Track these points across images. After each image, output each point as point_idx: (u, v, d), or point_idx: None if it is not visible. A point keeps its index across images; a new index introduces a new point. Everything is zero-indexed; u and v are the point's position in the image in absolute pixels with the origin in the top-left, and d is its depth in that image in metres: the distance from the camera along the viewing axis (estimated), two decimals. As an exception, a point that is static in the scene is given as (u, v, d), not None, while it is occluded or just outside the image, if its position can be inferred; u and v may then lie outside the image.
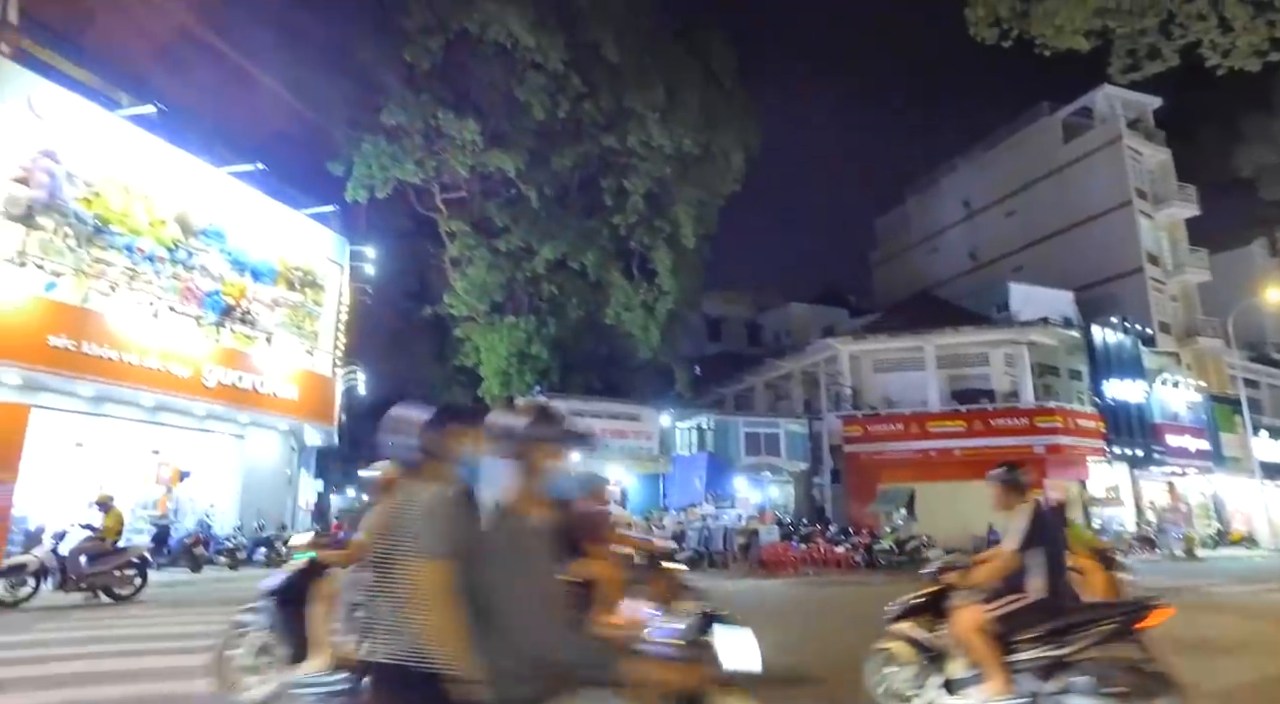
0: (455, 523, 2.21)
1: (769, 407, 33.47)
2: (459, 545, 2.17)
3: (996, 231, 37.08)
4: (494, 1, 21.96)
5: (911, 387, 27.49)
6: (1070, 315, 28.64)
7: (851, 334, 29.72)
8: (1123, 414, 26.87)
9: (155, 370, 15.18)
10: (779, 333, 41.24)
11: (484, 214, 24.97)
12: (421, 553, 2.15)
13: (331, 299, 21.49)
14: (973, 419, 25.43)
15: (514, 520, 2.31)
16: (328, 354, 21.06)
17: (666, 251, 25.04)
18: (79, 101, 15.08)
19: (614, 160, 25.10)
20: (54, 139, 14.44)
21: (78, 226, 14.78)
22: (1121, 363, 27.47)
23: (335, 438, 22.46)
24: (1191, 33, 8.02)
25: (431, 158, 23.10)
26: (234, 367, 17.14)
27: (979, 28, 9.13)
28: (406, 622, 2.14)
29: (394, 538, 2.24)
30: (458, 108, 22.79)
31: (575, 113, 23.80)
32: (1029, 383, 25.90)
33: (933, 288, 36.89)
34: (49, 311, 13.69)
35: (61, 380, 13.82)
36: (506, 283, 24.91)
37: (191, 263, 17.23)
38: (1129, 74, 8.72)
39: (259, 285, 19.01)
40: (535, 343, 24.15)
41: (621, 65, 23.57)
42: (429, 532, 2.18)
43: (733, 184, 26.99)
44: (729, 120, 25.77)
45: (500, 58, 23.42)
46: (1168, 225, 33.02)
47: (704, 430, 26.61)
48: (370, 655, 2.24)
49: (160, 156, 16.56)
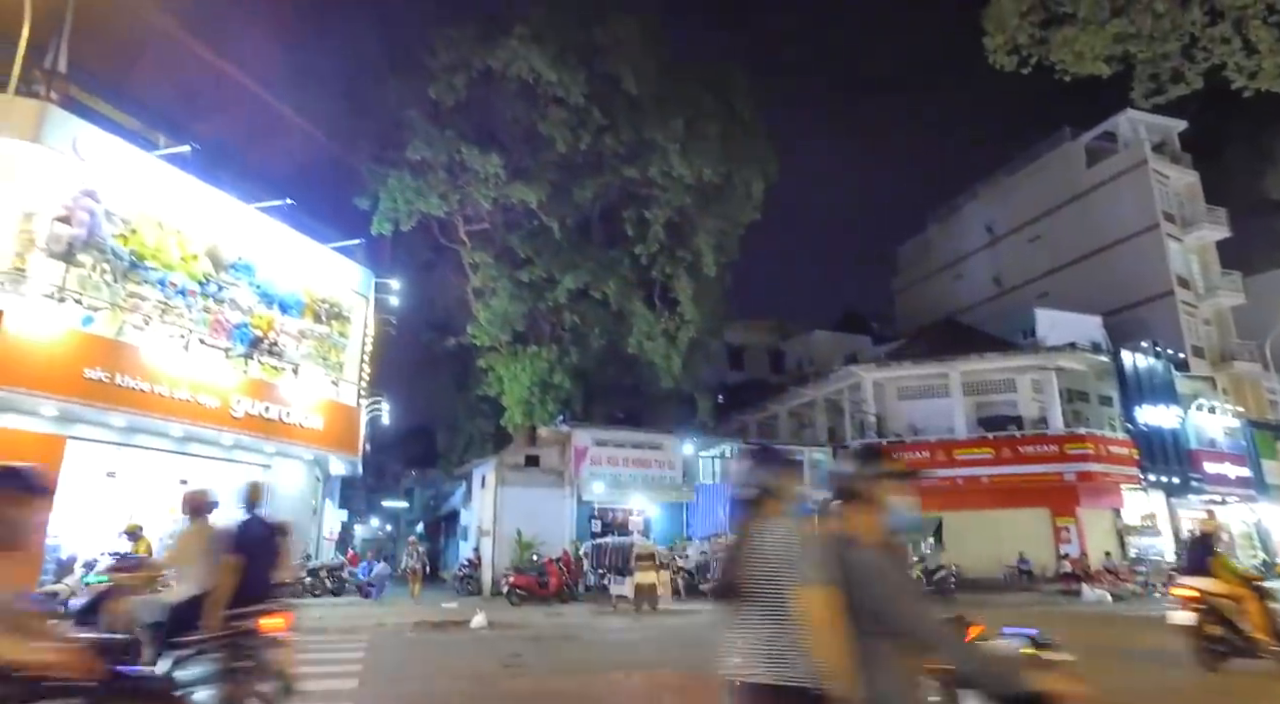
0: (828, 553, 2.45)
1: (792, 435, 33.20)
2: (834, 573, 2.40)
3: (1020, 257, 36.76)
4: (517, 39, 22.51)
5: (937, 414, 27.15)
6: (1099, 340, 28.18)
7: (875, 361, 29.51)
8: (1157, 440, 26.25)
9: (185, 401, 15.44)
10: (802, 360, 41.02)
11: (506, 245, 25.28)
12: (803, 581, 2.40)
13: (357, 331, 21.79)
14: (1000, 446, 25.01)
15: (873, 552, 2.52)
16: (352, 385, 21.28)
17: (688, 280, 25.12)
18: (119, 143, 15.60)
19: (635, 191, 25.36)
20: (95, 179, 14.94)
21: (114, 262, 15.21)
22: (1153, 388, 26.92)
23: (359, 468, 22.60)
24: (1215, 55, 7.98)
25: (455, 191, 23.51)
26: (261, 397, 17.37)
27: (998, 55, 9.16)
28: (796, 646, 2.36)
29: (769, 568, 2.50)
30: (481, 142, 23.24)
31: (596, 145, 24.15)
32: (1058, 409, 25.45)
33: (956, 314, 36.59)
34: (85, 345, 14.02)
35: (95, 412, 14.07)
36: (529, 313, 25.10)
37: (221, 296, 17.61)
38: (1152, 98, 8.68)
39: (286, 318, 19.35)
40: (558, 372, 24.22)
41: (641, 98, 23.95)
42: (805, 562, 2.44)
43: (753, 213, 27.10)
44: (748, 150, 25.97)
45: (523, 93, 23.91)
46: (1198, 248, 32.54)
47: (727, 459, 26.40)
48: (754, 677, 2.44)
49: (193, 193, 17.04)
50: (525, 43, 22.51)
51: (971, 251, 40.15)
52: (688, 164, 23.81)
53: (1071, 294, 31.93)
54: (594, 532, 23.14)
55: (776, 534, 2.57)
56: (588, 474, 23.71)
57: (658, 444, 25.27)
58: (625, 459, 24.44)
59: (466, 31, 23.34)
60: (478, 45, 23.05)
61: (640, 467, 24.52)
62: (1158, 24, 7.89)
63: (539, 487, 23.48)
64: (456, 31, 23.34)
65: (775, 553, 2.51)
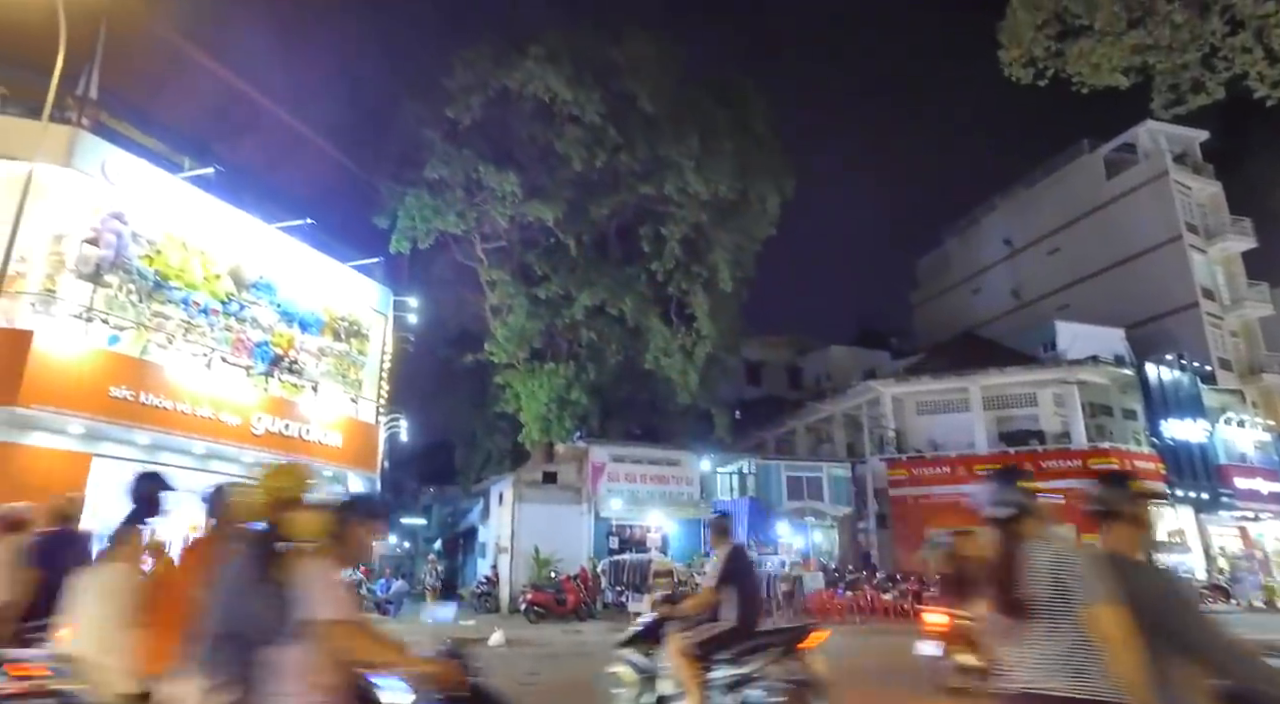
0: (1111, 572, 2.54)
1: (811, 450, 32.93)
2: (1122, 592, 2.48)
3: (1040, 270, 36.41)
4: (533, 59, 22.81)
5: (957, 429, 26.84)
6: (1122, 353, 27.78)
7: (894, 376, 29.28)
8: (1184, 455, 25.74)
9: (207, 419, 15.63)
10: (819, 376, 40.78)
11: (523, 263, 25.46)
12: (1094, 599, 2.49)
13: (375, 348, 21.98)
14: (1022, 461, 24.61)
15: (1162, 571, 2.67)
16: (371, 402, 21.44)
17: (704, 296, 25.12)
18: (146, 166, 15.96)
19: (651, 208, 25.47)
20: (123, 201, 15.28)
21: (140, 283, 15.50)
22: (1179, 402, 26.44)
23: (378, 485, 22.69)
24: (1237, 65, 7.89)
25: (472, 209, 23.74)
26: (281, 415, 17.55)
27: (1013, 68, 9.12)
28: (1096, 661, 2.45)
29: (1053, 586, 2.58)
30: (498, 161, 23.49)
31: (612, 163, 24.32)
32: (1081, 424, 25.06)
33: (976, 328, 36.25)
34: (110, 364, 14.25)
35: (120, 430, 14.27)
36: (546, 330, 25.20)
37: (243, 315, 17.86)
38: (1172, 109, 8.58)
39: (306, 336, 19.58)
40: (575, 389, 24.25)
41: (657, 115, 24.12)
42: (1093, 580, 2.52)
43: (769, 228, 27.10)
44: (764, 166, 26.02)
45: (539, 112, 24.18)
46: (1222, 259, 32.06)
47: (745, 475, 26.23)
48: (1051, 690, 2.52)
49: (216, 214, 17.36)
50: (541, 62, 22.81)
51: (990, 265, 39.83)
52: (703, 180, 23.89)
53: (1093, 307, 31.54)
54: (611, 548, 23.02)
55: (1053, 553, 2.65)
56: (605, 491, 23.65)
57: (675, 460, 25.16)
58: (643, 475, 24.36)
59: (483, 52, 23.69)
60: (494, 66, 23.38)
61: (658, 483, 24.42)
62: (1176, 35, 7.83)
63: (556, 503, 23.44)
64: (473, 52, 23.70)
65: (1056, 571, 2.59)
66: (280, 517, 2.51)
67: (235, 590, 2.38)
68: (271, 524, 2.51)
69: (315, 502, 2.62)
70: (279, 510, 2.52)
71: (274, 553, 2.43)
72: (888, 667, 10.17)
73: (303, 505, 2.56)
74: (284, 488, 2.55)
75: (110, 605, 3.13)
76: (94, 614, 3.13)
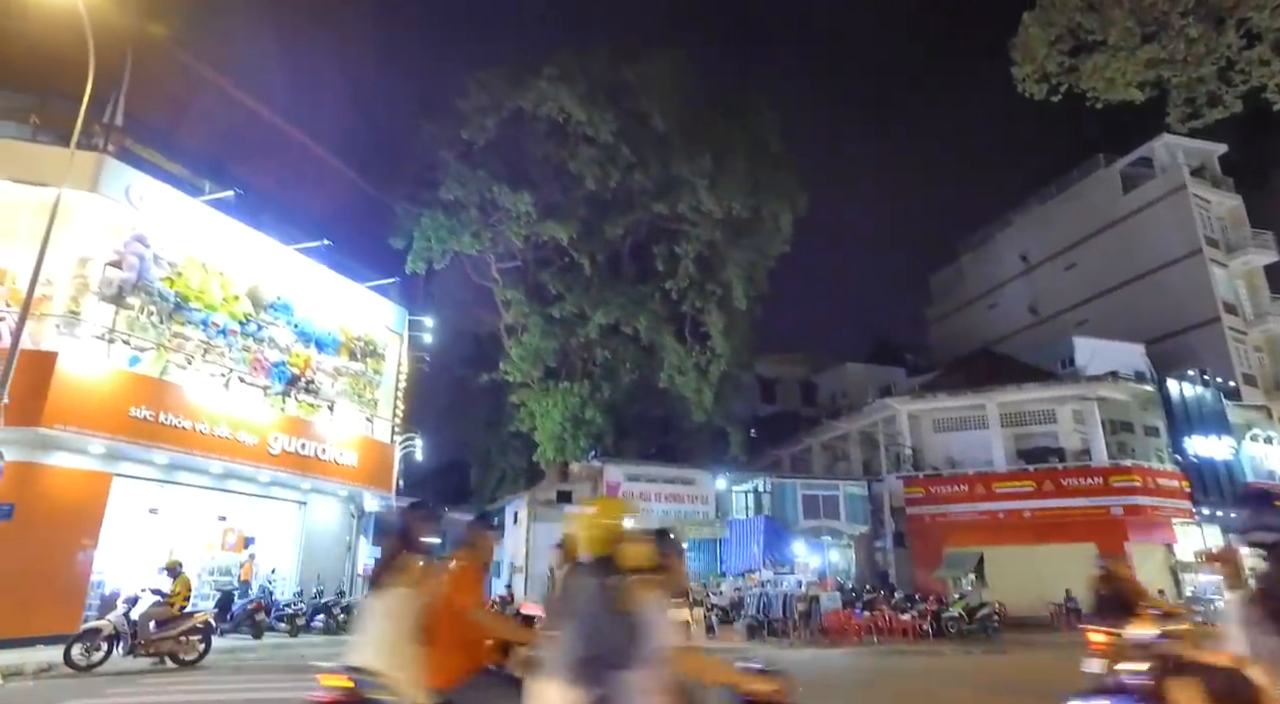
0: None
1: (826, 468, 32.62)
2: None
3: (1057, 285, 36.07)
4: (546, 80, 23.09)
5: (975, 446, 26.51)
6: (1142, 369, 27.37)
7: (909, 393, 29.02)
8: (1209, 473, 25.24)
9: (225, 438, 15.75)
10: (835, 393, 40.50)
11: (538, 282, 25.60)
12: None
13: (391, 368, 22.11)
14: (1042, 479, 24.26)
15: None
16: (386, 421, 21.54)
17: (718, 314, 25.11)
18: (168, 190, 16.25)
19: (664, 226, 25.58)
20: (145, 225, 15.56)
21: (161, 304, 15.73)
22: (1203, 418, 25.97)
23: (393, 504, 22.71)
24: (1254, 78, 7.84)
25: (487, 229, 23.95)
26: (297, 434, 17.65)
27: (1027, 84, 9.12)
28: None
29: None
30: (512, 181, 23.71)
31: (626, 182, 24.48)
32: (1101, 441, 24.64)
33: (992, 344, 35.90)
34: (131, 384, 14.43)
35: (140, 449, 14.41)
36: (560, 349, 25.26)
37: (261, 335, 18.05)
38: (1189, 123, 8.53)
39: (323, 356, 19.74)
40: (589, 407, 24.25)
41: (669, 134, 24.29)
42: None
43: (782, 245, 27.10)
44: (777, 183, 26.07)
45: (553, 132, 24.43)
46: (1244, 273, 31.60)
47: (760, 494, 26.01)
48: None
49: (236, 236, 17.62)
50: (554, 83, 23.08)
51: (1006, 280, 39.52)
52: (716, 198, 23.97)
53: (1111, 322, 31.16)
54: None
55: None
56: (620, 510, 23.52)
57: (690, 479, 25.02)
58: (657, 494, 24.23)
59: (497, 74, 24.02)
60: (508, 87, 23.69)
61: (673, 502, 24.27)
62: (1192, 49, 7.79)
63: (571, 522, 23.34)
64: (488, 74, 24.05)
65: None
66: (615, 550, 2.75)
67: (592, 618, 2.62)
68: (607, 557, 2.74)
69: (636, 534, 2.86)
70: (613, 544, 2.75)
71: (618, 584, 2.65)
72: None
73: (632, 539, 2.80)
74: (616, 524, 2.79)
75: (397, 626, 3.46)
76: (383, 633, 3.47)
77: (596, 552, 2.77)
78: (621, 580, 2.65)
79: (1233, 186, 32.59)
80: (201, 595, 15.56)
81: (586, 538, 2.84)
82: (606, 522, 2.81)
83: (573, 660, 2.61)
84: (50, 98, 16.40)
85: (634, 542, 2.80)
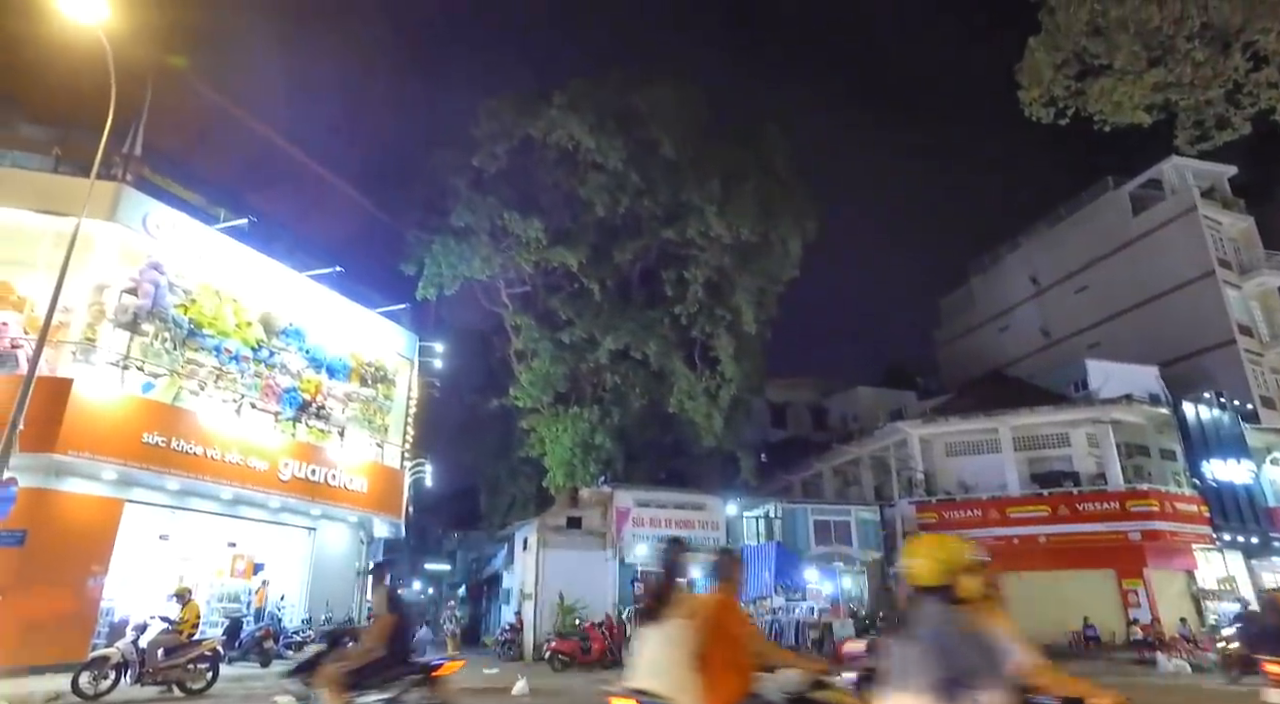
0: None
1: (838, 493, 32.31)
2: None
3: (1068, 307, 35.90)
4: (556, 108, 23.41)
5: (988, 470, 26.21)
6: (1157, 392, 27.04)
7: (921, 417, 28.77)
8: (1229, 497, 24.79)
9: (235, 464, 15.79)
10: (845, 417, 40.21)
11: (548, 307, 25.70)
12: None
13: (401, 393, 22.17)
14: (1057, 504, 23.92)
15: None
16: (396, 447, 21.54)
17: (728, 339, 25.09)
18: (184, 219, 16.52)
19: (674, 251, 25.69)
20: (161, 252, 15.79)
21: (174, 331, 15.89)
22: (1221, 441, 25.59)
23: (402, 530, 22.64)
24: (1262, 101, 7.85)
25: (497, 255, 24.13)
26: (308, 460, 17.68)
27: (1033, 108, 9.16)
28: None
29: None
30: (522, 207, 23.93)
31: (635, 207, 24.66)
32: (1116, 464, 24.28)
33: (1004, 367, 35.68)
34: (144, 410, 14.53)
35: (152, 475, 14.46)
36: (570, 374, 25.28)
37: (273, 361, 18.18)
38: (1198, 145, 8.53)
39: (334, 381, 19.83)
40: (599, 433, 24.18)
41: (678, 160, 24.49)
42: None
43: (792, 270, 27.14)
44: (786, 208, 26.18)
45: (562, 159, 24.70)
46: (1259, 294, 31.33)
47: (771, 519, 25.75)
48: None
49: (249, 263, 17.84)
50: (564, 111, 23.40)
51: (1016, 303, 39.37)
52: (726, 224, 24.08)
53: (1124, 344, 30.92)
54: (637, 595, 22.60)
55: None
56: (630, 536, 23.34)
57: (700, 504, 24.82)
58: (668, 520, 24.03)
59: (508, 102, 24.38)
60: (519, 115, 24.03)
61: (683, 527, 24.04)
62: (1198, 72, 7.82)
63: (581, 549, 23.15)
64: (498, 102, 24.41)
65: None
66: (955, 581, 3.04)
67: (946, 641, 2.87)
68: (948, 586, 3.02)
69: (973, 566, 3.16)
70: (953, 576, 3.04)
71: (966, 610, 2.95)
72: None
73: (970, 571, 3.11)
74: (955, 559, 3.06)
75: (676, 652, 3.81)
76: (663, 659, 3.87)
77: (938, 581, 3.03)
78: (966, 607, 2.95)
79: (1244, 208, 32.47)
80: (210, 622, 15.50)
81: (930, 568, 3.07)
82: (949, 555, 3.07)
83: (930, 680, 2.83)
84: (72, 130, 16.76)
85: (972, 573, 3.10)
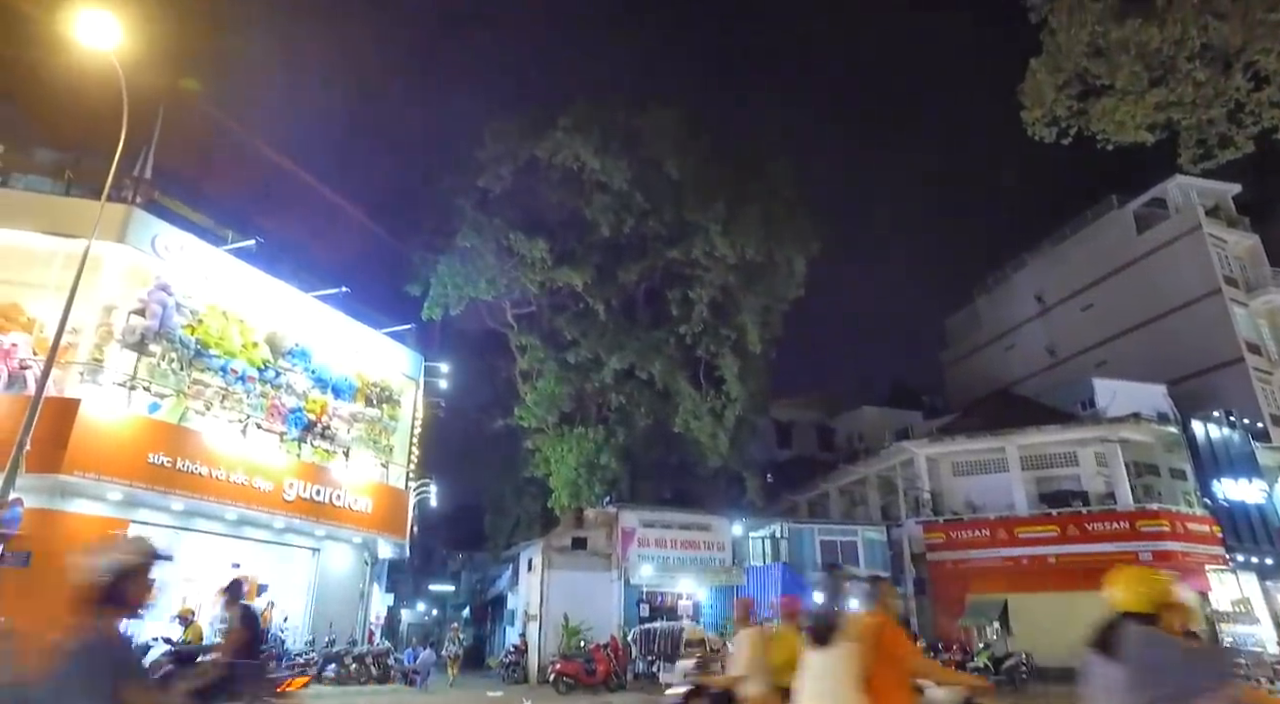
0: None
1: (844, 513, 32.09)
2: None
3: (1074, 326, 35.80)
4: (562, 130, 23.63)
5: (995, 490, 26.00)
6: (1165, 410, 26.84)
7: (927, 436, 28.62)
8: (1241, 517, 24.49)
9: (240, 485, 15.76)
10: (851, 437, 40.06)
11: (553, 327, 25.76)
12: None
13: (406, 413, 22.17)
14: (1066, 524, 23.65)
15: None
16: (401, 467, 21.50)
17: (733, 358, 25.07)
18: (192, 240, 16.66)
19: (678, 271, 25.77)
20: (170, 274, 15.91)
21: (181, 351, 15.96)
22: (1231, 460, 25.33)
23: (407, 551, 22.52)
24: (1264, 120, 7.88)
25: (503, 276, 24.24)
26: (312, 480, 17.64)
27: (1036, 128, 9.21)
28: None
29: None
30: (528, 228, 24.09)
31: (640, 228, 24.79)
32: (1125, 484, 24.04)
33: (1010, 386, 35.50)
34: (150, 430, 14.55)
35: (157, 496, 14.45)
36: (575, 394, 25.27)
37: (279, 381, 18.22)
38: (1201, 164, 8.56)
39: (339, 401, 19.85)
40: (604, 453, 24.10)
41: (683, 181, 24.64)
42: None
43: (796, 289, 27.18)
44: (790, 228, 26.26)
45: (567, 180, 24.88)
46: (1266, 312, 31.20)
47: (777, 539, 25.54)
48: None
49: (256, 284, 17.95)
50: (569, 133, 23.61)
51: (1022, 322, 39.30)
52: (730, 244, 24.17)
53: (1131, 363, 30.76)
54: (642, 616, 22.38)
55: None
56: (635, 557, 23.16)
57: (706, 525, 24.65)
58: (673, 541, 23.86)
59: (513, 123, 24.62)
60: (524, 136, 24.26)
61: (689, 548, 23.87)
62: (1200, 92, 7.86)
63: (586, 570, 22.98)
64: (504, 124, 24.66)
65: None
66: (1158, 611, 3.26)
67: (1163, 662, 3.07)
68: (1153, 615, 3.24)
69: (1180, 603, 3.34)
70: (1156, 608, 3.26)
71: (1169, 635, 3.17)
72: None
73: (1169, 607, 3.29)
74: (1160, 592, 3.28)
75: (845, 675, 4.06)
76: (829, 683, 4.11)
77: (1144, 609, 3.27)
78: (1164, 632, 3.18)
79: (1248, 225, 32.46)
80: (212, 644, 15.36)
81: (1137, 597, 3.33)
82: (1155, 589, 3.28)
83: (1143, 699, 3.04)
84: (85, 153, 16.99)
85: (1173, 611, 3.29)
